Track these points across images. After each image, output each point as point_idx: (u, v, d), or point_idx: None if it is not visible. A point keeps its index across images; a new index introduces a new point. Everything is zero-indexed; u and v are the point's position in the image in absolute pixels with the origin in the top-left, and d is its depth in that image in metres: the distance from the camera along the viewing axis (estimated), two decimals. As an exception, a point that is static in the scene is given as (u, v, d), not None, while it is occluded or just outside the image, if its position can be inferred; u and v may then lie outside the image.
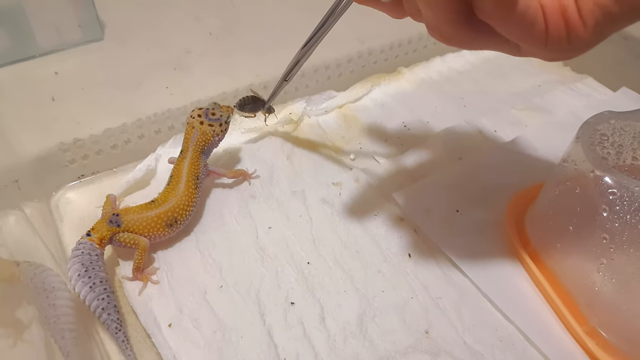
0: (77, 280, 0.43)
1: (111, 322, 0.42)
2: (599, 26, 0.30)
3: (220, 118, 0.53)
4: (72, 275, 0.43)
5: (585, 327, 0.43)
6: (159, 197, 0.49)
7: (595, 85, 0.71)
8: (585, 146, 0.44)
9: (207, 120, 0.52)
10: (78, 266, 0.43)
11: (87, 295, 0.43)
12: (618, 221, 0.40)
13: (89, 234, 0.46)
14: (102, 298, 0.43)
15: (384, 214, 0.53)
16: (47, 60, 0.68)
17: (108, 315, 0.43)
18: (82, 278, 0.43)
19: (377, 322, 0.45)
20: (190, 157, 0.51)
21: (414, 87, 0.71)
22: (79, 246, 0.45)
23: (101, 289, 0.43)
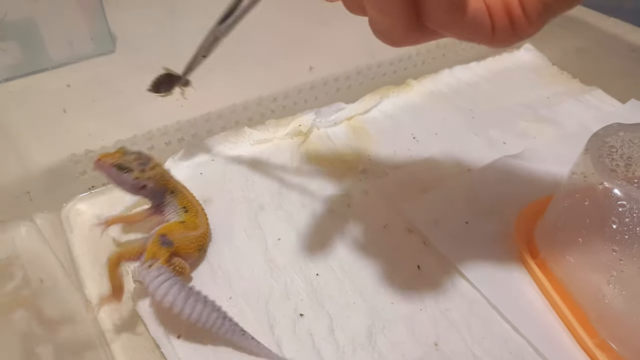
0: (185, 300, 0.42)
1: (235, 329, 0.43)
2: (541, 17, 0.32)
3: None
4: (176, 297, 0.42)
5: (596, 340, 0.43)
6: (187, 221, 0.49)
7: (604, 97, 0.72)
8: (594, 158, 0.45)
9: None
10: (178, 287, 0.42)
11: (202, 312, 0.42)
12: (628, 233, 0.41)
13: (156, 259, 0.44)
14: (216, 310, 0.43)
15: (392, 226, 0.54)
16: (59, 72, 0.70)
17: (230, 322, 0.43)
18: (191, 297, 0.42)
19: (386, 333, 0.45)
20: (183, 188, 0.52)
21: (423, 99, 0.72)
22: (161, 270, 0.43)
23: (211, 302, 0.43)
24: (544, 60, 0.81)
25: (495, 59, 0.81)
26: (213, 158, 0.61)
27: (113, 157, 0.47)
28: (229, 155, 0.62)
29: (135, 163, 0.47)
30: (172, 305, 0.42)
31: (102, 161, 0.47)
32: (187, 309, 0.42)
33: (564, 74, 0.79)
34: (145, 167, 0.48)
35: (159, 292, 0.42)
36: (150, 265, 0.44)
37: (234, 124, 0.65)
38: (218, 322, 0.42)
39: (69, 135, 0.60)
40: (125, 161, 0.47)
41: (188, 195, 0.52)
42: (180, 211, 0.51)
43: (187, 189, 0.53)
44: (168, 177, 0.51)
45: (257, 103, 0.65)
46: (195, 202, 0.52)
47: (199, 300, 0.42)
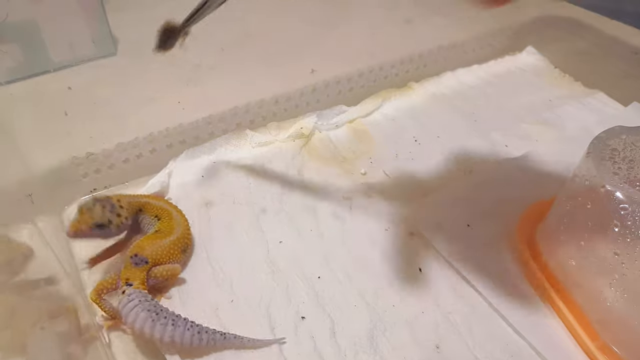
0: (153, 325, 0.42)
1: (215, 337, 0.43)
2: None
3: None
4: (143, 324, 0.42)
5: (597, 343, 0.43)
6: (162, 228, 0.50)
7: (606, 100, 0.72)
8: (596, 161, 0.45)
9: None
10: (145, 314, 0.42)
11: (174, 333, 0.42)
12: (630, 236, 0.41)
13: (129, 284, 0.44)
14: (189, 327, 0.42)
15: (394, 229, 0.55)
16: (60, 75, 0.70)
17: (207, 333, 0.43)
18: (159, 321, 0.42)
19: (388, 336, 0.46)
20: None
21: (425, 102, 0.73)
22: (132, 297, 0.43)
23: (182, 321, 0.43)
24: (546, 63, 0.82)
25: (498, 61, 0.82)
26: (215, 161, 0.62)
27: (84, 220, 0.45)
28: (230, 158, 0.62)
29: (107, 212, 0.46)
30: (141, 331, 0.42)
31: (78, 229, 0.45)
32: (156, 334, 0.42)
33: (566, 76, 0.79)
34: (115, 210, 0.47)
35: (128, 320, 0.42)
36: (123, 291, 0.44)
37: (235, 126, 0.66)
38: (195, 339, 0.42)
39: (70, 138, 0.60)
40: (98, 217, 0.45)
41: (157, 202, 0.52)
42: (154, 221, 0.51)
43: (154, 196, 0.53)
44: (133, 200, 0.50)
45: (258, 106, 0.66)
46: (167, 206, 0.52)
47: (168, 323, 0.42)
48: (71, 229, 0.45)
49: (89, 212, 0.45)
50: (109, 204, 0.47)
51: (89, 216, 0.45)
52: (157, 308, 0.43)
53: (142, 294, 0.44)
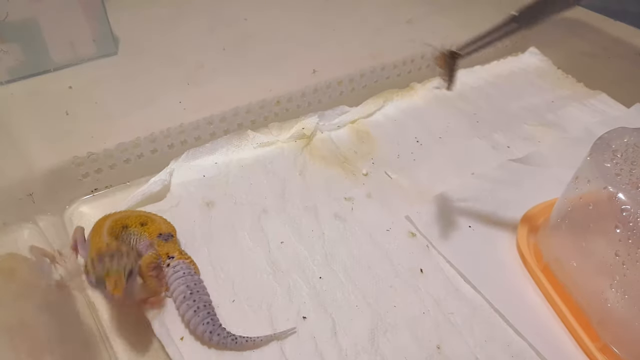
0: (182, 302, 0.46)
1: (225, 341, 0.44)
2: None
3: (101, 267, 0.43)
4: (177, 296, 0.46)
5: (598, 344, 0.44)
6: (150, 221, 0.51)
7: (608, 102, 0.73)
8: (598, 162, 0.46)
9: (97, 259, 0.43)
10: (183, 288, 0.46)
11: (192, 319, 0.45)
12: (632, 237, 0.42)
13: (171, 257, 0.48)
14: (207, 322, 0.45)
15: (396, 229, 0.55)
16: (61, 74, 0.71)
17: (218, 336, 0.45)
18: (187, 301, 0.45)
19: (389, 337, 0.46)
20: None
21: (427, 103, 0.73)
22: (177, 268, 0.47)
23: (205, 313, 0.45)
24: (548, 64, 0.83)
25: (500, 62, 0.83)
26: (216, 161, 0.62)
27: (118, 280, 0.42)
28: (232, 158, 0.63)
29: (122, 258, 0.44)
30: (174, 300, 0.46)
31: (122, 289, 0.42)
32: (180, 311, 0.46)
33: (569, 77, 0.80)
34: (124, 257, 0.44)
35: (170, 289, 0.47)
36: (168, 264, 0.48)
37: (237, 127, 0.66)
38: (205, 335, 0.45)
39: (71, 137, 0.61)
40: (123, 268, 0.43)
41: (130, 213, 0.52)
42: (141, 227, 0.51)
43: (129, 212, 0.52)
44: (113, 230, 0.49)
45: (260, 106, 0.67)
46: (138, 215, 0.52)
47: (192, 307, 0.45)
48: (118, 294, 0.42)
49: (114, 273, 0.43)
50: (114, 253, 0.44)
51: (117, 275, 0.43)
52: (196, 286, 0.47)
53: (186, 266, 0.48)
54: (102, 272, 0.42)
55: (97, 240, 0.46)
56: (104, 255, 0.43)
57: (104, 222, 0.49)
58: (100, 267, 0.42)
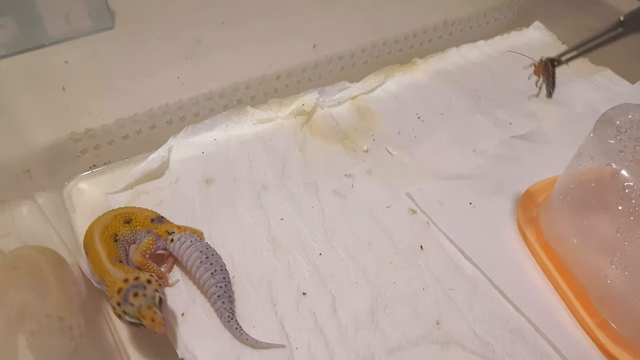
0: (199, 267, 0.46)
1: (224, 311, 0.45)
2: None
3: (132, 306, 0.41)
4: (193, 263, 0.47)
5: (596, 320, 0.45)
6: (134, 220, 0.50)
7: (613, 78, 0.73)
8: (602, 139, 0.46)
9: (122, 301, 0.41)
10: (197, 254, 0.47)
11: (207, 281, 0.46)
12: (634, 215, 0.42)
13: (171, 232, 0.48)
14: (220, 286, 0.46)
15: (396, 206, 0.55)
16: (56, 49, 0.71)
17: (222, 303, 0.46)
18: (204, 264, 0.46)
19: (389, 313, 0.47)
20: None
21: (429, 79, 0.73)
22: (182, 239, 0.48)
23: (220, 277, 0.46)
24: (553, 39, 0.82)
25: (504, 37, 0.82)
26: (215, 137, 0.62)
27: (151, 310, 0.42)
28: (231, 134, 0.63)
29: (151, 293, 0.42)
30: (191, 269, 0.47)
31: (160, 328, 0.42)
32: (198, 274, 0.46)
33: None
34: (147, 288, 0.43)
35: (184, 260, 0.47)
36: (172, 240, 0.48)
37: (236, 102, 0.66)
38: (213, 297, 0.46)
39: (68, 113, 0.61)
40: (155, 293, 0.42)
41: (116, 222, 0.50)
42: (132, 227, 0.50)
43: (107, 219, 0.50)
44: (125, 243, 0.49)
45: (260, 81, 0.66)
46: (117, 216, 0.50)
47: (208, 270, 0.46)
48: (160, 328, 0.41)
49: (146, 310, 0.41)
50: (135, 291, 0.42)
51: (150, 311, 0.42)
52: (208, 250, 0.48)
53: (190, 235, 0.48)
54: (135, 313, 0.41)
55: (107, 277, 0.44)
56: (127, 295, 0.41)
57: (94, 245, 0.46)
58: (131, 309, 0.41)
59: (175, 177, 0.57)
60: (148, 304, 0.41)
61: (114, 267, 0.44)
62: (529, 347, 0.45)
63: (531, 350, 0.45)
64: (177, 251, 0.48)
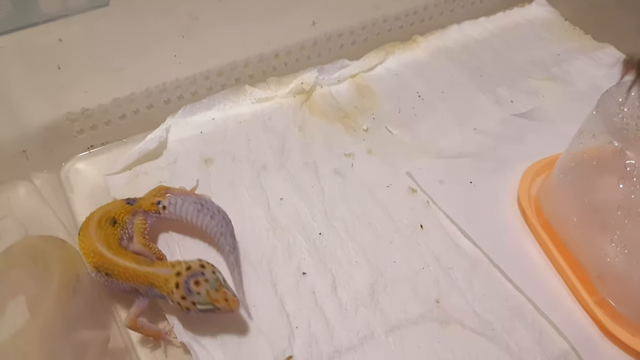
0: (198, 214, 0.48)
1: (225, 245, 0.48)
2: None
3: (199, 295, 0.41)
4: (192, 214, 0.48)
5: (595, 298, 0.45)
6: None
7: (616, 54, 0.72)
8: (604, 117, 0.45)
9: (186, 293, 0.41)
10: (193, 205, 0.48)
11: (209, 224, 0.48)
12: (634, 193, 0.42)
13: (159, 202, 0.49)
14: (221, 224, 0.48)
15: (396, 185, 0.55)
16: (50, 27, 0.69)
17: (225, 239, 0.48)
18: (202, 211, 0.48)
19: (389, 292, 0.47)
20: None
21: (430, 56, 0.72)
22: (172, 200, 0.49)
23: (220, 217, 0.49)
24: (555, 15, 0.80)
25: (506, 13, 0.80)
26: (213, 117, 0.62)
27: (223, 297, 0.41)
28: (229, 114, 0.62)
29: (212, 276, 0.42)
30: (192, 222, 0.49)
31: (236, 304, 0.42)
32: (199, 222, 0.48)
33: (576, 29, 0.78)
34: (205, 271, 0.43)
35: (186, 217, 0.49)
36: (164, 207, 0.49)
37: (234, 81, 0.65)
38: (217, 236, 0.48)
39: (64, 92, 0.60)
40: (218, 283, 0.42)
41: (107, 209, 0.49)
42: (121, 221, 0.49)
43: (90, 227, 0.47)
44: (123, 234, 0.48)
45: (258, 59, 0.65)
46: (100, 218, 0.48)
47: (207, 215, 0.48)
48: (236, 305, 0.42)
49: (215, 293, 0.41)
50: (195, 279, 0.42)
51: (220, 293, 0.41)
52: (200, 199, 0.49)
53: (177, 194, 0.50)
54: (206, 300, 0.41)
55: (155, 280, 0.42)
56: (188, 286, 0.41)
57: (117, 263, 0.44)
58: (200, 298, 0.41)
59: (174, 158, 0.57)
60: (215, 287, 0.41)
61: (154, 268, 0.43)
62: (527, 325, 0.45)
63: (530, 328, 0.45)
64: (173, 214, 0.49)
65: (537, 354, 0.44)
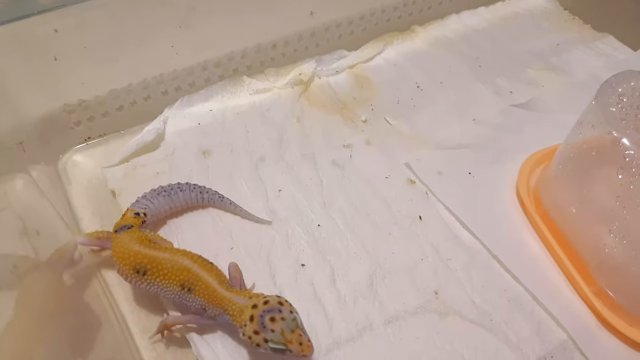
0: (171, 199, 0.50)
1: (213, 196, 0.51)
2: None
3: (273, 332, 0.38)
4: (166, 204, 0.50)
5: (593, 288, 0.45)
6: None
7: (615, 45, 0.72)
8: (603, 107, 0.45)
9: (260, 328, 0.39)
10: (162, 198, 0.49)
11: (183, 196, 0.50)
12: (633, 184, 0.42)
13: (137, 214, 0.48)
14: (193, 188, 0.51)
15: (395, 177, 0.55)
16: (46, 17, 0.68)
17: (207, 193, 0.51)
18: (171, 195, 0.50)
19: (387, 283, 0.47)
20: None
21: (428, 47, 0.72)
22: (140, 202, 0.49)
23: (189, 185, 0.51)
24: (555, 5, 0.80)
25: (505, 3, 0.80)
26: (211, 108, 0.62)
27: (297, 340, 0.39)
28: (227, 105, 0.62)
29: (289, 315, 0.39)
30: (169, 210, 0.50)
31: (310, 350, 0.39)
32: (176, 203, 0.50)
33: (576, 19, 0.78)
34: (283, 309, 0.40)
35: (161, 209, 0.50)
36: (145, 214, 0.48)
37: (232, 72, 0.65)
38: (198, 198, 0.51)
39: (60, 84, 0.60)
40: (294, 325, 0.39)
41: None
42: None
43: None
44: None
45: (256, 50, 0.65)
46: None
47: (178, 192, 0.50)
48: (310, 351, 0.39)
49: (290, 334, 0.39)
50: (271, 315, 0.39)
51: (295, 335, 0.39)
52: (164, 188, 0.50)
53: (143, 201, 0.49)
54: (280, 339, 0.38)
55: (227, 305, 0.41)
56: (263, 321, 0.39)
57: (200, 276, 0.42)
58: (274, 336, 0.38)
59: (172, 149, 0.57)
60: (291, 327, 0.38)
61: (232, 293, 0.41)
62: (526, 315, 0.46)
63: (528, 318, 0.45)
64: (156, 214, 0.49)
65: (535, 344, 0.44)
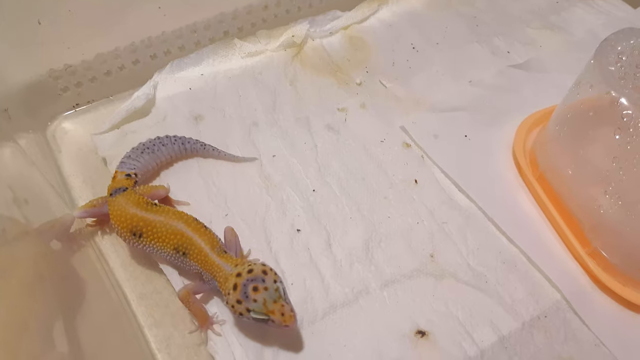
0: (155, 155, 0.50)
1: (195, 145, 0.52)
2: None
3: (255, 302, 0.38)
4: (151, 160, 0.50)
5: (588, 249, 0.46)
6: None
7: (615, 2, 0.70)
8: (602, 66, 0.45)
9: (242, 297, 0.38)
10: (147, 156, 0.49)
11: (166, 150, 0.51)
12: (630, 144, 0.42)
13: (128, 175, 0.48)
14: (174, 140, 0.51)
15: (390, 140, 0.55)
16: (28, -21, 0.67)
17: (189, 143, 0.52)
18: (154, 151, 0.50)
19: (383, 247, 0.47)
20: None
21: (424, 6, 0.70)
22: (125, 161, 0.49)
23: (170, 139, 0.51)
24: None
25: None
26: (202, 72, 0.60)
27: (279, 310, 0.38)
28: (219, 69, 0.61)
29: (273, 284, 0.39)
30: (155, 166, 0.51)
31: (292, 321, 0.38)
32: (161, 158, 0.51)
33: (576, -25, 0.76)
34: (268, 277, 0.39)
35: (148, 167, 0.50)
36: (135, 174, 0.48)
37: (222, 34, 0.63)
38: (181, 149, 0.51)
39: (45, 48, 0.58)
40: (278, 294, 0.39)
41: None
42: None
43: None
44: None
45: (247, 11, 0.63)
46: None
47: (161, 148, 0.50)
48: (292, 322, 0.38)
49: (273, 304, 0.38)
50: (254, 284, 0.39)
51: (278, 305, 0.38)
52: (146, 145, 0.50)
53: (126, 159, 0.49)
54: (261, 309, 0.38)
55: (215, 271, 0.40)
56: (245, 290, 0.38)
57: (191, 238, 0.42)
58: (256, 305, 0.38)
59: (163, 115, 0.56)
60: (273, 298, 0.38)
61: (221, 259, 0.41)
62: (521, 277, 0.46)
63: (523, 280, 0.46)
64: (146, 171, 0.50)
65: (529, 305, 0.45)
